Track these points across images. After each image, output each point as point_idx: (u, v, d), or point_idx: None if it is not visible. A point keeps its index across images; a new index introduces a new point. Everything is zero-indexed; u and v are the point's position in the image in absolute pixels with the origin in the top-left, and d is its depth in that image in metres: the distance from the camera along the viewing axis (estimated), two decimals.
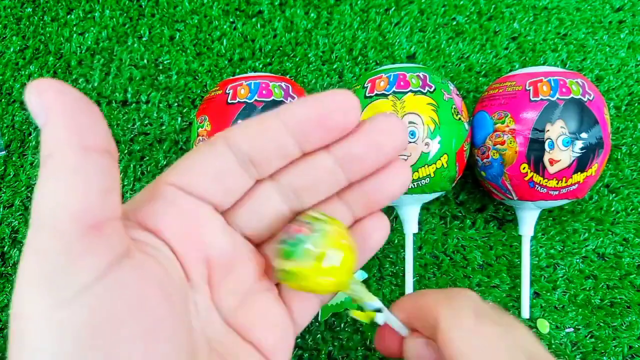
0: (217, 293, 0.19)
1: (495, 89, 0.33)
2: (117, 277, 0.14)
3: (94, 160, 0.14)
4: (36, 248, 0.13)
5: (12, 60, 0.41)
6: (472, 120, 0.34)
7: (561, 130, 0.30)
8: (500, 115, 0.32)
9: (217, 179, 0.18)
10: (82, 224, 0.14)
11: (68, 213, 0.13)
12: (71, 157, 0.14)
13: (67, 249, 0.13)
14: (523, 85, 0.31)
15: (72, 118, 0.14)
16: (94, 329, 0.13)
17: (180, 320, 0.16)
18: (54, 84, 0.14)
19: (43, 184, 0.14)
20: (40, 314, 0.13)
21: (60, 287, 0.13)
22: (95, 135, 0.14)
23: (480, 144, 0.33)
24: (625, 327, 0.36)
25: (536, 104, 0.30)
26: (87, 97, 0.15)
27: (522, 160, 0.31)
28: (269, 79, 0.31)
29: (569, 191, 0.31)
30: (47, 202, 0.14)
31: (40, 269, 0.13)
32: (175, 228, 0.18)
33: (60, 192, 0.13)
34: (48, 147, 0.14)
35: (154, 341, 0.15)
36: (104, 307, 0.14)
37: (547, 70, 0.32)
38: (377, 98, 0.31)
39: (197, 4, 0.42)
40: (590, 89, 0.31)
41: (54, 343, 0.13)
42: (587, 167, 0.30)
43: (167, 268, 0.17)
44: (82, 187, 0.14)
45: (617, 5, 0.42)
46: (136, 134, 0.39)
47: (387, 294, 0.36)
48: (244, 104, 0.30)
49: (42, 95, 0.14)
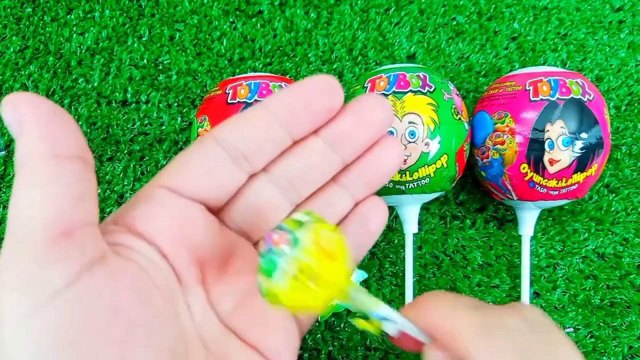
0: (213, 294, 0.19)
1: (495, 89, 0.33)
2: (89, 283, 0.14)
3: (65, 167, 0.14)
4: (10, 256, 0.14)
5: (12, 60, 0.41)
6: (472, 120, 0.34)
7: (561, 130, 0.30)
8: (500, 115, 0.32)
9: (208, 177, 0.18)
10: (53, 231, 0.14)
11: (39, 221, 0.14)
12: (43, 166, 0.14)
13: (38, 257, 0.13)
14: (523, 85, 0.31)
15: (45, 128, 0.14)
16: (67, 335, 0.13)
17: (164, 324, 0.16)
18: (29, 97, 0.14)
19: (16, 192, 0.14)
20: (16, 321, 0.13)
21: (34, 294, 0.13)
22: (67, 143, 0.14)
23: (480, 144, 0.33)
24: (625, 327, 0.36)
25: (536, 104, 0.30)
26: (61, 108, 0.15)
27: (522, 160, 0.31)
28: (269, 79, 0.31)
29: (569, 191, 0.31)
30: (19, 211, 0.14)
31: (14, 277, 0.13)
32: (165, 230, 0.18)
33: (32, 201, 0.14)
34: (21, 157, 0.14)
35: (130, 347, 0.14)
36: (76, 314, 0.14)
37: (547, 70, 0.32)
38: None
39: (197, 4, 0.42)
40: (590, 89, 0.31)
41: (30, 349, 0.13)
42: (587, 167, 0.30)
43: (151, 272, 0.17)
44: (54, 195, 0.14)
45: (617, 5, 0.42)
46: (136, 134, 0.39)
47: (387, 294, 0.36)
48: (244, 104, 0.30)
49: (17, 108, 0.14)
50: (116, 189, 0.38)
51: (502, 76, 0.36)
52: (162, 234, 0.17)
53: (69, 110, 0.40)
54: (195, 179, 0.18)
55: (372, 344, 0.35)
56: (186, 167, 0.18)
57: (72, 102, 0.40)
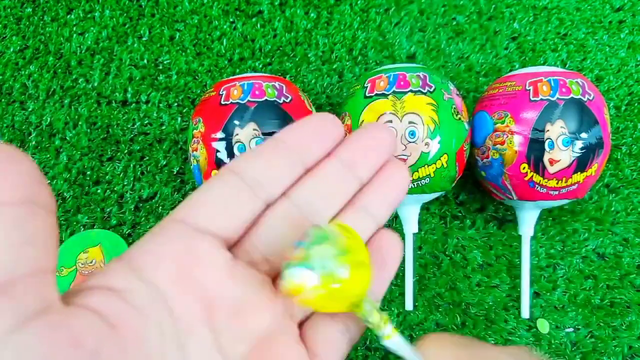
0: (223, 338, 0.17)
1: (495, 89, 0.33)
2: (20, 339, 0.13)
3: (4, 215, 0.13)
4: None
5: (12, 60, 0.41)
6: (472, 120, 0.34)
7: (561, 130, 0.30)
8: (500, 115, 0.32)
9: (224, 206, 0.18)
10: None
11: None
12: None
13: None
14: (523, 85, 0.31)
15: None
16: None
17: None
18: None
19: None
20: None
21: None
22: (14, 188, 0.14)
23: (480, 144, 0.33)
24: (625, 327, 0.36)
25: (536, 104, 0.30)
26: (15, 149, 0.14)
27: (522, 160, 0.31)
28: (262, 79, 0.31)
29: (569, 191, 0.31)
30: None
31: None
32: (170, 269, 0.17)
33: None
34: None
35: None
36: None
37: (547, 70, 0.32)
38: (377, 98, 0.31)
39: (197, 4, 0.42)
40: (590, 89, 0.31)
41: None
42: (587, 167, 0.30)
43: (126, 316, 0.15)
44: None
45: (617, 5, 0.42)
46: (136, 134, 0.39)
47: (387, 293, 0.36)
48: (237, 104, 0.30)
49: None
50: (116, 189, 0.38)
51: (502, 76, 0.36)
52: (163, 271, 0.17)
53: (68, 110, 0.40)
54: (212, 209, 0.18)
55: (372, 344, 0.35)
56: (202, 197, 0.18)
57: (72, 102, 0.40)
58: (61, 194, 0.38)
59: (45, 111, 0.40)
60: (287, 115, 0.31)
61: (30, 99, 0.40)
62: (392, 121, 0.30)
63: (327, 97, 0.40)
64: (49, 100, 0.40)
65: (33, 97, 0.40)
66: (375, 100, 0.31)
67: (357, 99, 0.32)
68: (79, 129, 0.39)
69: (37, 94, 0.40)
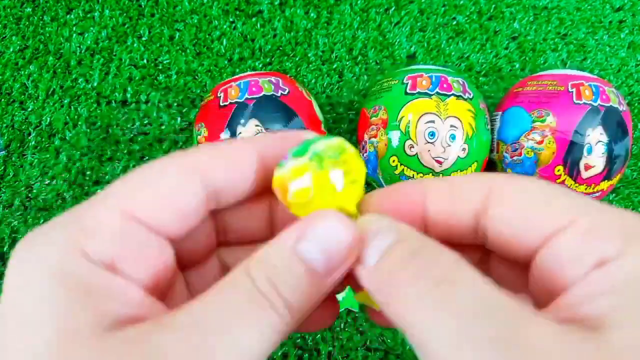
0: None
1: (533, 86, 0.32)
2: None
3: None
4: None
5: (12, 60, 0.41)
6: (502, 114, 0.34)
7: (600, 137, 0.30)
8: (541, 113, 0.31)
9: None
10: None
11: None
12: None
13: None
14: (565, 86, 0.31)
15: None
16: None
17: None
18: None
19: None
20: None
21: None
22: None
23: (512, 141, 0.32)
24: None
25: (579, 107, 0.30)
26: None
27: (558, 162, 0.30)
28: (258, 76, 0.32)
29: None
30: None
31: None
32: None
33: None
34: None
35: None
36: None
37: (585, 75, 0.31)
38: (420, 96, 0.31)
39: (197, 4, 0.42)
40: (622, 100, 0.31)
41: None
42: (613, 176, 0.30)
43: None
44: None
45: (617, 5, 0.42)
46: (136, 133, 0.39)
47: None
48: (236, 104, 0.30)
49: None
50: None
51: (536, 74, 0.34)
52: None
53: (68, 110, 0.40)
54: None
55: (372, 344, 0.35)
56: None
57: (72, 102, 0.40)
58: (61, 194, 0.38)
59: (45, 111, 0.40)
60: (287, 107, 0.31)
61: (29, 98, 0.40)
62: (434, 122, 0.30)
63: (327, 97, 0.40)
64: (48, 100, 0.40)
65: (33, 97, 0.40)
66: (418, 98, 0.31)
67: (395, 94, 0.31)
68: (79, 129, 0.39)
69: (36, 94, 0.40)
